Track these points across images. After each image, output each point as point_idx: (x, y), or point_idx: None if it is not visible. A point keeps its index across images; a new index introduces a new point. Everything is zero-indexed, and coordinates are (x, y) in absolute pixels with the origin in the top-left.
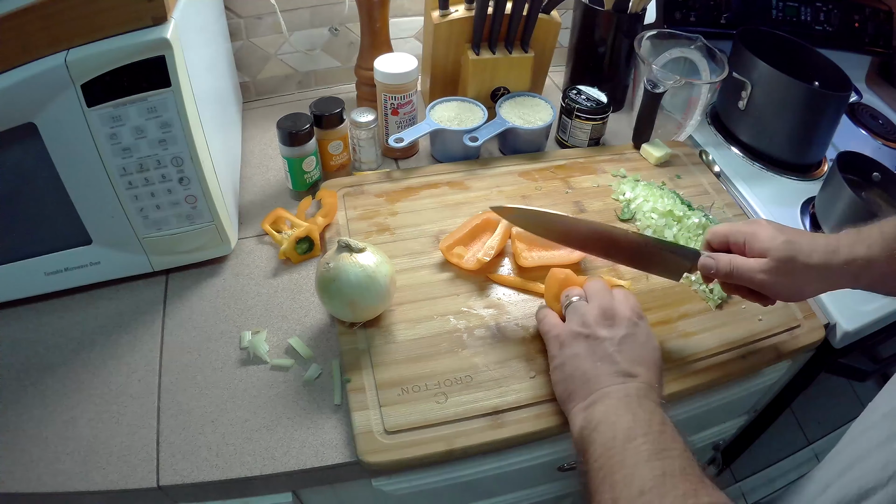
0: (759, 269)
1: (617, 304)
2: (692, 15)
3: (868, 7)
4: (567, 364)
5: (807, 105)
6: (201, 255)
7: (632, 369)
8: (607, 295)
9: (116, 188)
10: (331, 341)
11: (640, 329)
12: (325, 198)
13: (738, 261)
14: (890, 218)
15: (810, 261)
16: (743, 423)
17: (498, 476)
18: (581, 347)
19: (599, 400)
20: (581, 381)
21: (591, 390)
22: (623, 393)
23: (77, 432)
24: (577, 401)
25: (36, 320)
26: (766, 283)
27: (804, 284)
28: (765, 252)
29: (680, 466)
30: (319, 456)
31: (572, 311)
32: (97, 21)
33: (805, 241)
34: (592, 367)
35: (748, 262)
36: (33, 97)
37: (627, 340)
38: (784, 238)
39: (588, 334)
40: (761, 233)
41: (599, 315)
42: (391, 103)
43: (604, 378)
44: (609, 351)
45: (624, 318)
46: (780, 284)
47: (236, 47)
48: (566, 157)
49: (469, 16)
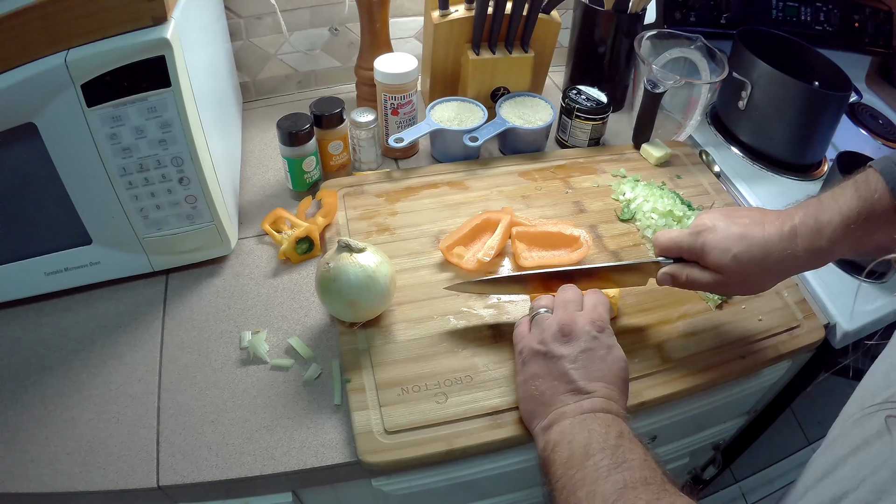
0: (714, 283)
1: (578, 317)
2: (692, 15)
3: (868, 7)
4: (528, 382)
5: (807, 105)
6: (201, 255)
7: (588, 386)
8: (571, 306)
9: (116, 188)
10: (331, 341)
11: (600, 342)
12: (325, 198)
13: (694, 274)
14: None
15: (764, 265)
16: (743, 423)
17: (498, 476)
18: (539, 366)
19: (557, 420)
20: (539, 401)
21: (549, 410)
22: (578, 410)
23: (77, 432)
24: (537, 420)
25: (36, 320)
26: (723, 292)
27: (762, 282)
28: (718, 269)
29: (641, 477)
30: (319, 456)
31: (535, 324)
32: (97, 21)
33: (756, 246)
34: (549, 386)
35: (703, 276)
36: (33, 97)
37: (584, 356)
38: (732, 255)
39: (545, 352)
40: (710, 252)
41: (557, 331)
42: (391, 103)
43: (560, 397)
44: (565, 369)
45: (582, 332)
46: (738, 289)
47: (236, 47)
48: (566, 157)
49: (469, 16)
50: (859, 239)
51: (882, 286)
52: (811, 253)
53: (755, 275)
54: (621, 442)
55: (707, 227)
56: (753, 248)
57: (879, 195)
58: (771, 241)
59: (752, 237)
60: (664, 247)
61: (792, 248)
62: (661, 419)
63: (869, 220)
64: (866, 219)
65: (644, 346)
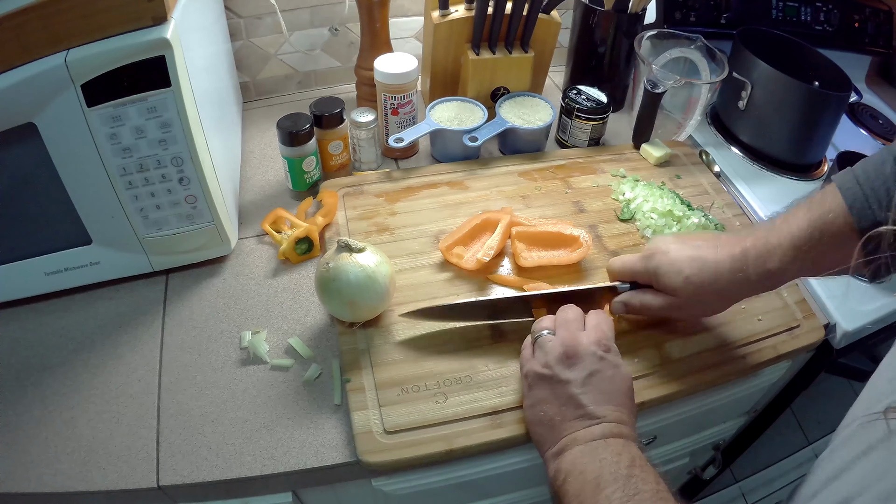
0: (667, 307)
1: (581, 337)
2: (692, 15)
3: (868, 7)
4: (536, 406)
5: (807, 105)
6: (201, 255)
7: (598, 410)
8: (573, 326)
9: (116, 188)
10: (331, 341)
11: (607, 363)
12: (325, 198)
13: (647, 299)
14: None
15: (716, 287)
16: (743, 423)
17: (498, 476)
18: (546, 391)
19: (567, 447)
20: (548, 426)
21: (559, 436)
22: (589, 437)
23: (77, 432)
24: (547, 446)
25: (36, 320)
26: (677, 315)
27: (716, 305)
28: (672, 292)
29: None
30: (319, 456)
31: (539, 347)
32: (97, 21)
33: (708, 268)
34: (558, 411)
35: (656, 301)
36: (33, 97)
37: (592, 379)
38: (684, 277)
39: (551, 376)
40: (663, 275)
41: (562, 354)
42: (391, 103)
43: (569, 423)
44: (573, 393)
45: (587, 354)
46: (691, 313)
47: (236, 47)
48: (566, 157)
49: (469, 16)
50: (814, 259)
51: (882, 286)
52: (762, 275)
53: (707, 297)
54: (633, 472)
55: (660, 250)
56: (704, 271)
57: (834, 215)
58: (722, 264)
59: (703, 259)
60: (618, 272)
61: (743, 271)
62: (661, 419)
63: (822, 242)
64: (819, 240)
65: (644, 346)
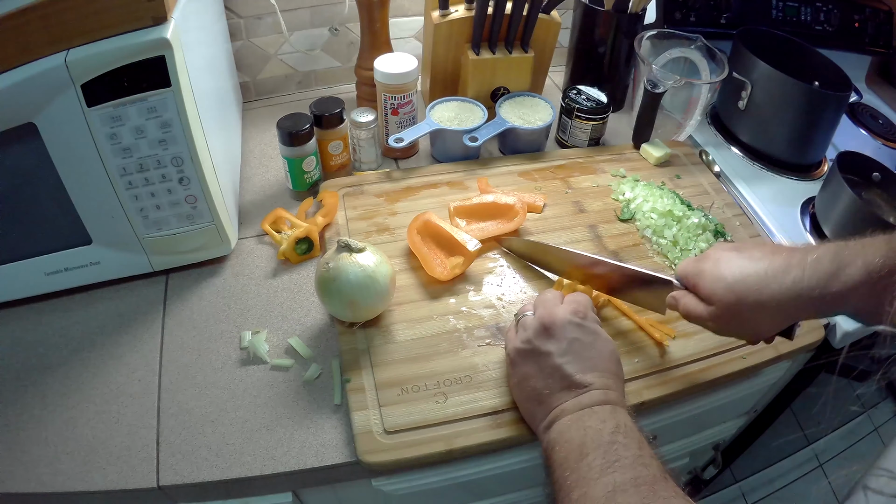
0: (707, 316)
1: (557, 310)
2: (692, 15)
3: (868, 7)
4: (523, 383)
5: (807, 105)
6: (201, 255)
7: (584, 378)
8: (549, 303)
9: (116, 188)
10: (331, 341)
11: (585, 330)
12: (325, 198)
13: (690, 304)
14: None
15: (760, 298)
16: (743, 423)
17: (498, 476)
18: (530, 366)
19: (556, 418)
20: (537, 401)
21: (549, 409)
22: (577, 406)
23: (77, 432)
24: (538, 421)
25: (36, 320)
26: (714, 328)
27: (758, 322)
28: (710, 298)
29: (631, 477)
30: (319, 456)
31: (520, 326)
32: (97, 21)
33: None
34: (545, 384)
35: (698, 308)
36: (33, 97)
37: (573, 347)
38: (725, 284)
39: (531, 350)
40: (705, 278)
41: (539, 326)
42: (391, 103)
43: (557, 395)
44: (556, 363)
45: (564, 323)
46: (731, 326)
47: (236, 47)
48: (566, 157)
49: (469, 16)
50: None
51: None
52: (819, 293)
53: (748, 310)
54: (616, 438)
55: (713, 255)
56: (749, 278)
57: None
58: (772, 273)
59: (751, 267)
60: (678, 268)
61: (795, 284)
62: (661, 419)
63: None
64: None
65: (644, 345)
